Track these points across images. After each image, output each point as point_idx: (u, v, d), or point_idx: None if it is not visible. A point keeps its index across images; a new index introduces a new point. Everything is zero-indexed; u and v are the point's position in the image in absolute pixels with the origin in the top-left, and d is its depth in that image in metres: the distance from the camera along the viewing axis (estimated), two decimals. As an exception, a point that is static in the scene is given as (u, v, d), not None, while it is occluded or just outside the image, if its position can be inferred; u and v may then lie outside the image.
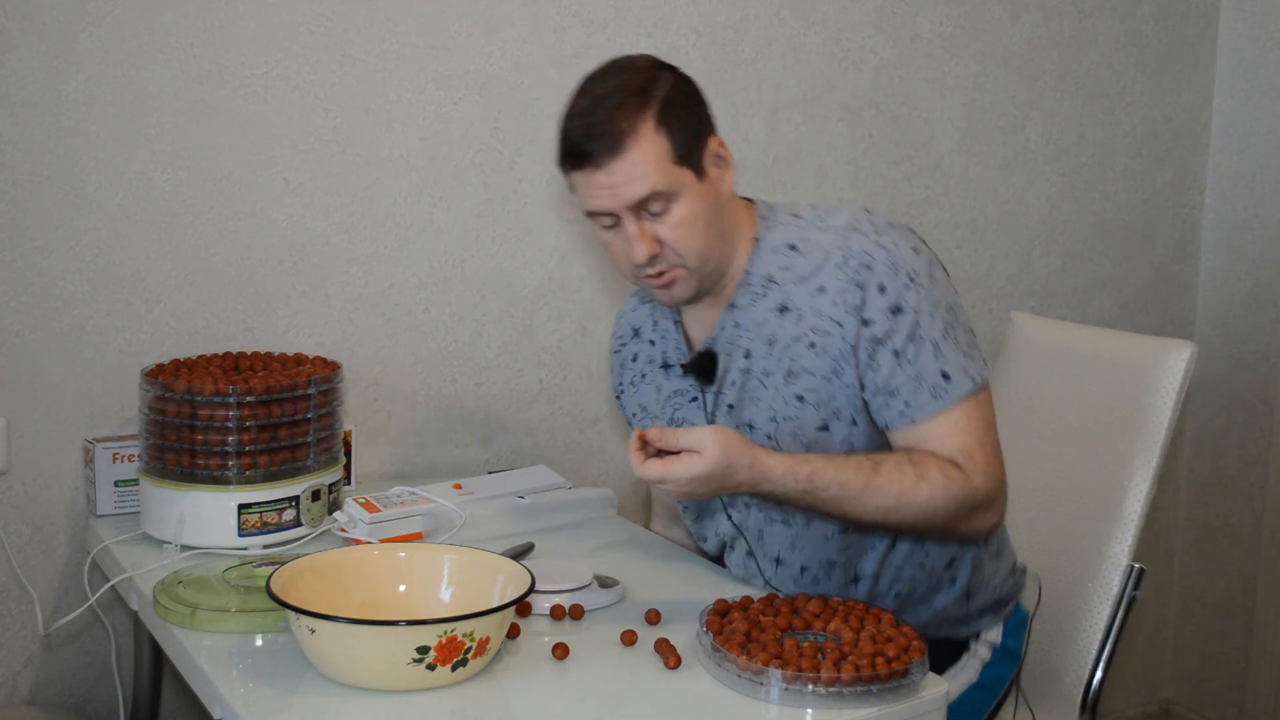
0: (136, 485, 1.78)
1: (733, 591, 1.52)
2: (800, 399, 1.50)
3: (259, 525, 1.67)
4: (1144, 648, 3.01)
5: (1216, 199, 2.91)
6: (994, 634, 1.65)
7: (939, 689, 1.30)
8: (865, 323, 1.46)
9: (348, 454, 1.88)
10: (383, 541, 1.68)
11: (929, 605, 1.60)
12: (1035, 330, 2.07)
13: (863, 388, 1.48)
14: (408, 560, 1.44)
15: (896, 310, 1.45)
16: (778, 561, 1.59)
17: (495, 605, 1.29)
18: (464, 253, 2.10)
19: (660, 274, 1.48)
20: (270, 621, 1.41)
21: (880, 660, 1.27)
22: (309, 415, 1.71)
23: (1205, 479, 2.95)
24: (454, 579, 1.42)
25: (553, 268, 2.18)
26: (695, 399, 1.61)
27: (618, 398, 1.76)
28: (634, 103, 1.42)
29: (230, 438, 1.65)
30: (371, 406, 2.06)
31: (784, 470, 1.40)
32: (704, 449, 1.36)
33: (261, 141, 1.92)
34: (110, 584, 1.68)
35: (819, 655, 1.28)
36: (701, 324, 1.60)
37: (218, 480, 1.65)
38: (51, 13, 1.77)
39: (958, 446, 1.45)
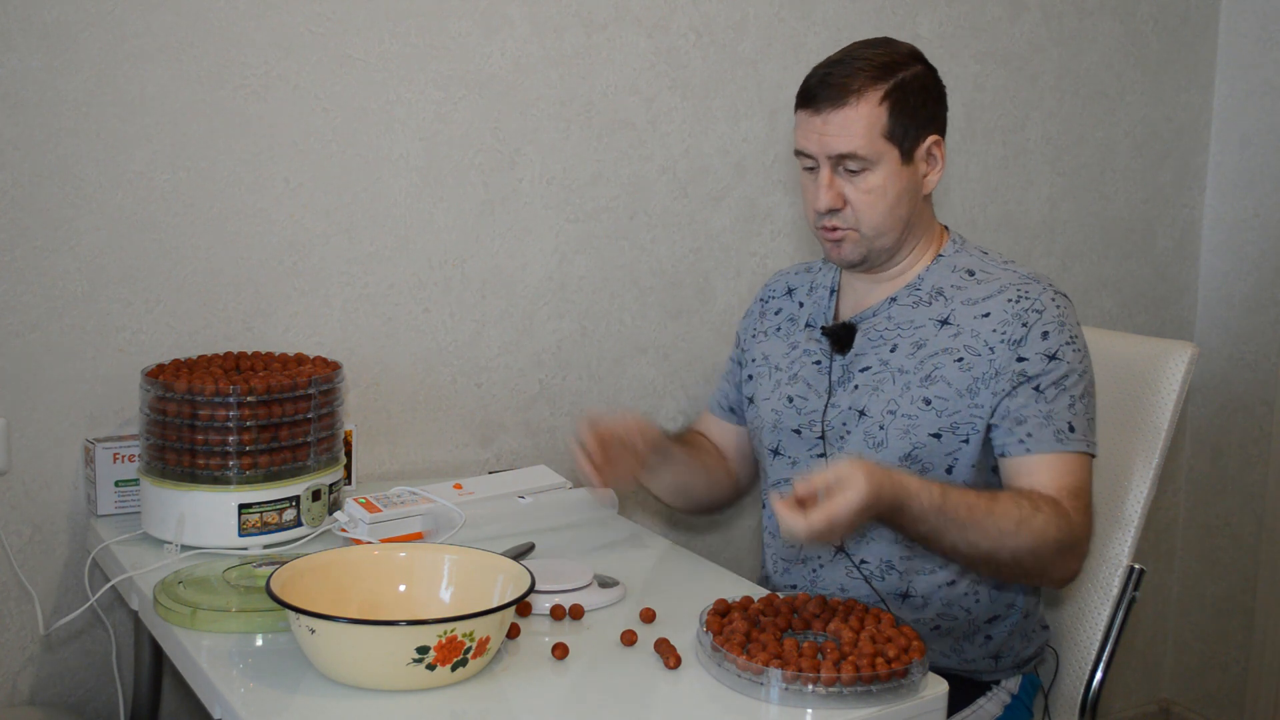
0: (137, 485, 1.78)
1: (733, 592, 1.52)
2: (927, 402, 1.57)
3: (259, 525, 1.67)
4: (1144, 648, 3.01)
5: (1216, 199, 2.91)
6: (1012, 684, 1.70)
7: (939, 689, 1.30)
8: (1020, 358, 1.55)
9: (348, 454, 1.88)
10: (383, 541, 1.69)
11: (960, 653, 1.64)
12: None
13: (992, 413, 1.55)
14: (408, 560, 1.44)
15: (1052, 357, 1.55)
16: (841, 549, 1.64)
17: (495, 605, 1.29)
18: (464, 253, 2.10)
19: (834, 229, 1.59)
20: (270, 621, 1.41)
21: (880, 660, 1.27)
22: (309, 415, 1.71)
23: (1205, 479, 2.95)
24: (454, 579, 1.42)
25: (553, 268, 2.18)
26: (820, 362, 1.67)
27: (739, 340, 1.87)
28: (875, 72, 1.54)
29: (231, 438, 1.65)
30: (371, 406, 2.06)
31: (919, 485, 1.42)
32: (852, 481, 1.34)
33: (261, 141, 1.92)
34: (110, 584, 1.68)
35: (819, 655, 1.28)
36: (856, 304, 1.69)
37: (218, 480, 1.65)
38: (51, 13, 1.77)
39: (1064, 487, 1.51)
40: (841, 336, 1.66)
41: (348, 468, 1.89)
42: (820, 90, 1.55)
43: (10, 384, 1.81)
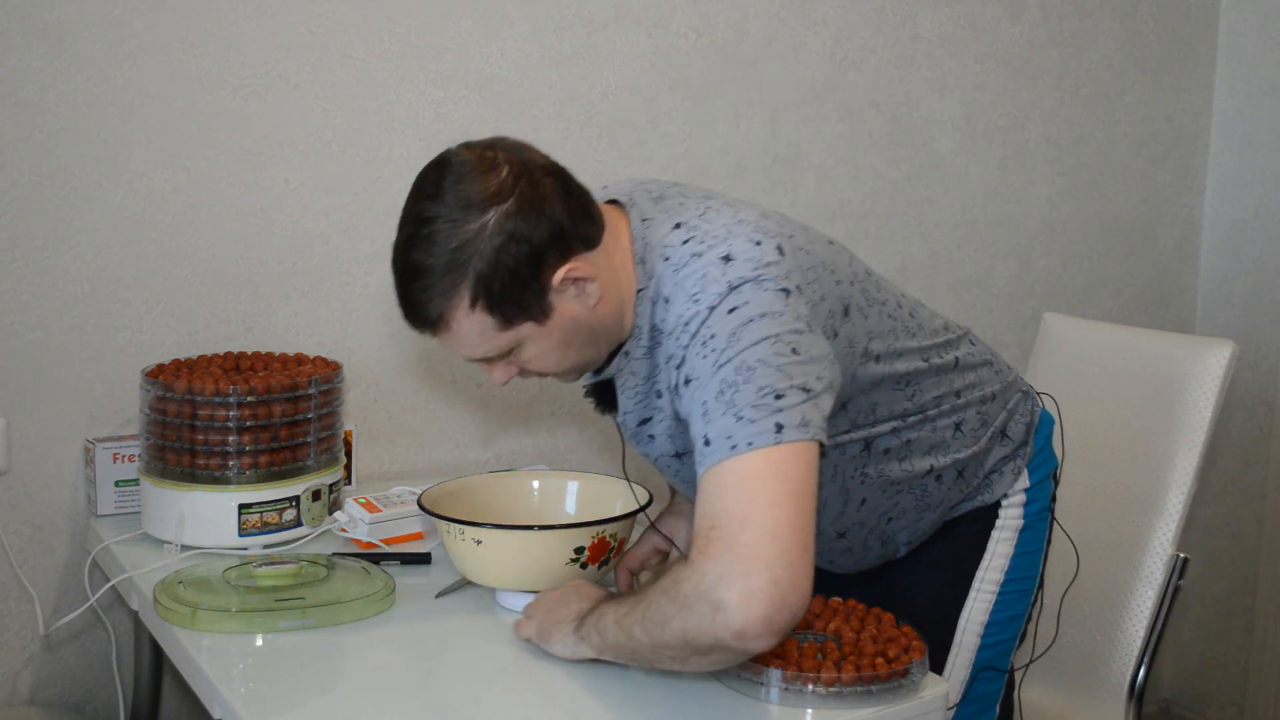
0: (137, 485, 1.78)
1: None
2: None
3: (259, 525, 1.67)
4: (1144, 648, 3.01)
5: (1216, 199, 2.91)
6: (1021, 480, 1.55)
7: (939, 689, 1.30)
8: (678, 396, 1.32)
9: (348, 454, 1.88)
10: (384, 541, 1.69)
11: (943, 503, 1.52)
12: (1068, 330, 2.10)
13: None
14: (540, 487, 1.70)
15: (687, 381, 1.28)
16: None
17: (625, 513, 1.54)
18: (464, 253, 2.10)
19: (540, 376, 1.41)
20: (270, 621, 1.41)
21: (880, 660, 1.27)
22: (309, 415, 1.71)
23: (1205, 479, 2.95)
24: (577, 501, 1.68)
25: (553, 268, 2.18)
26: (603, 415, 1.53)
27: None
28: (445, 280, 1.28)
29: (231, 438, 1.65)
30: (371, 406, 2.06)
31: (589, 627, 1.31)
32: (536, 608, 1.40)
33: (261, 141, 1.92)
34: (110, 584, 1.68)
35: (819, 655, 1.28)
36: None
37: (218, 480, 1.65)
38: (51, 13, 1.77)
39: (701, 523, 1.19)
40: (603, 397, 1.48)
41: (348, 468, 1.89)
42: (408, 318, 1.34)
43: (10, 384, 1.81)
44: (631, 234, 1.38)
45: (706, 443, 1.20)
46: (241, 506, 1.65)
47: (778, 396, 1.20)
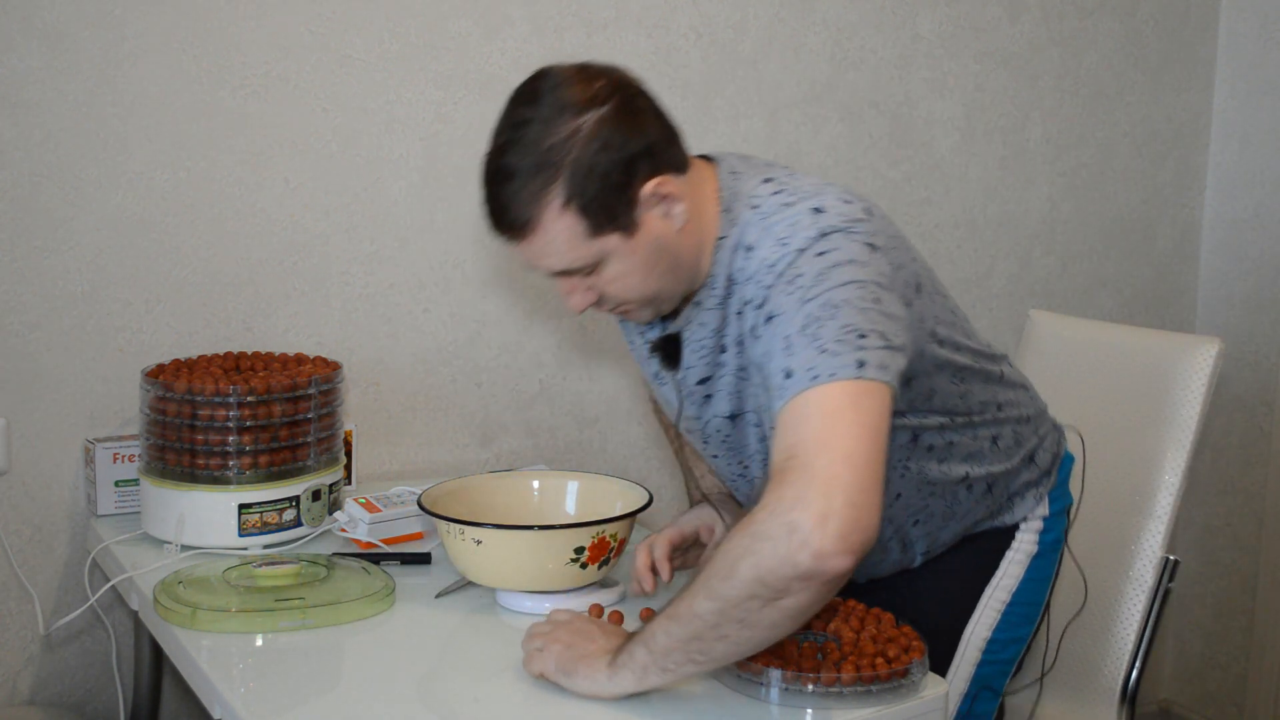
0: (137, 485, 1.78)
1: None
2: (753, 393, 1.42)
3: (259, 525, 1.67)
4: (1144, 648, 3.01)
5: (1216, 199, 2.91)
6: (1036, 519, 1.57)
7: (939, 689, 1.30)
8: (755, 337, 1.33)
9: (348, 454, 1.88)
10: (384, 541, 1.69)
11: (957, 520, 1.52)
12: (1055, 327, 2.09)
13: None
14: (540, 487, 1.69)
15: (770, 319, 1.29)
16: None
17: (626, 513, 1.53)
18: (464, 253, 2.10)
19: (611, 310, 1.41)
20: (270, 621, 1.41)
21: (880, 660, 1.27)
22: (309, 415, 1.71)
23: (1205, 479, 2.95)
24: (577, 501, 1.67)
25: (553, 268, 2.17)
26: (659, 375, 1.53)
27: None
28: (539, 178, 1.27)
29: (231, 438, 1.65)
30: (371, 406, 2.06)
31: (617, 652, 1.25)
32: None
33: (261, 141, 1.92)
34: (110, 584, 1.68)
35: (819, 655, 1.28)
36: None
37: (218, 480, 1.65)
38: (51, 13, 1.77)
39: (780, 455, 1.19)
40: (669, 351, 1.48)
41: (348, 468, 1.89)
42: (496, 221, 1.32)
43: (10, 384, 1.81)
44: (719, 184, 1.41)
45: (788, 375, 1.20)
46: (241, 506, 1.65)
47: (860, 335, 1.20)
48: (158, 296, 1.89)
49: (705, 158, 1.45)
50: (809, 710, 1.24)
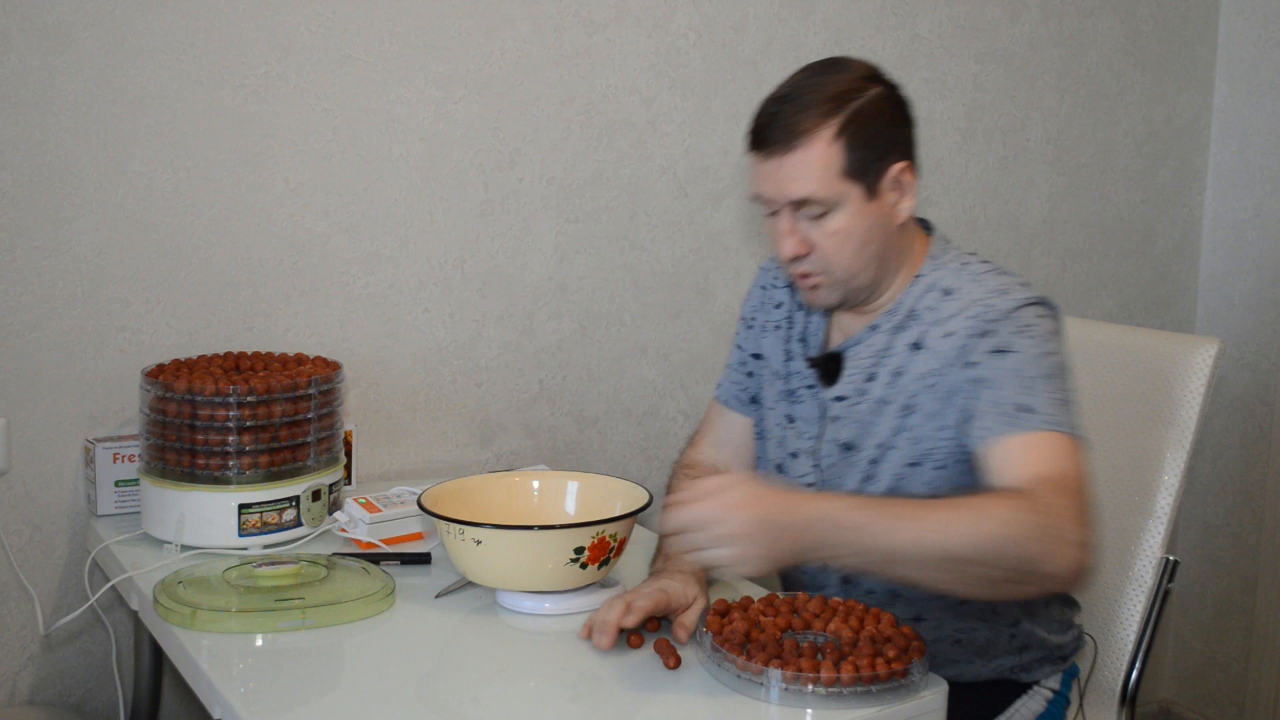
0: (137, 485, 1.78)
1: (733, 592, 1.52)
2: (904, 432, 1.49)
3: (259, 525, 1.67)
4: (1144, 648, 3.01)
5: (1216, 199, 2.91)
6: (1053, 681, 1.67)
7: (939, 689, 1.30)
8: (968, 363, 1.44)
9: (348, 454, 1.88)
10: (384, 541, 1.69)
11: (988, 659, 1.60)
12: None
13: (957, 431, 1.45)
14: (540, 487, 1.68)
15: (1000, 351, 1.42)
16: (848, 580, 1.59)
17: (626, 513, 1.52)
18: (464, 253, 2.10)
19: (806, 275, 1.50)
20: (270, 621, 1.41)
21: (880, 660, 1.27)
22: (309, 415, 1.71)
23: (1205, 479, 2.95)
24: (577, 501, 1.66)
25: (553, 268, 2.18)
26: (813, 387, 1.58)
27: (746, 323, 1.73)
28: (825, 106, 1.43)
29: (230, 438, 1.65)
30: (371, 406, 2.06)
31: (827, 496, 1.33)
32: (722, 490, 1.26)
33: (261, 141, 1.92)
34: (110, 584, 1.68)
35: (819, 655, 1.28)
36: (843, 329, 1.59)
37: (218, 480, 1.65)
38: (51, 13, 1.77)
39: (1036, 474, 1.33)
40: (829, 369, 1.56)
41: (348, 468, 1.89)
42: (768, 132, 1.45)
43: (10, 384, 1.81)
44: (931, 237, 1.57)
45: (1029, 410, 1.37)
46: (241, 506, 1.65)
47: (1074, 405, 1.42)
48: (158, 296, 1.89)
49: (919, 221, 1.61)
50: (809, 710, 1.24)
